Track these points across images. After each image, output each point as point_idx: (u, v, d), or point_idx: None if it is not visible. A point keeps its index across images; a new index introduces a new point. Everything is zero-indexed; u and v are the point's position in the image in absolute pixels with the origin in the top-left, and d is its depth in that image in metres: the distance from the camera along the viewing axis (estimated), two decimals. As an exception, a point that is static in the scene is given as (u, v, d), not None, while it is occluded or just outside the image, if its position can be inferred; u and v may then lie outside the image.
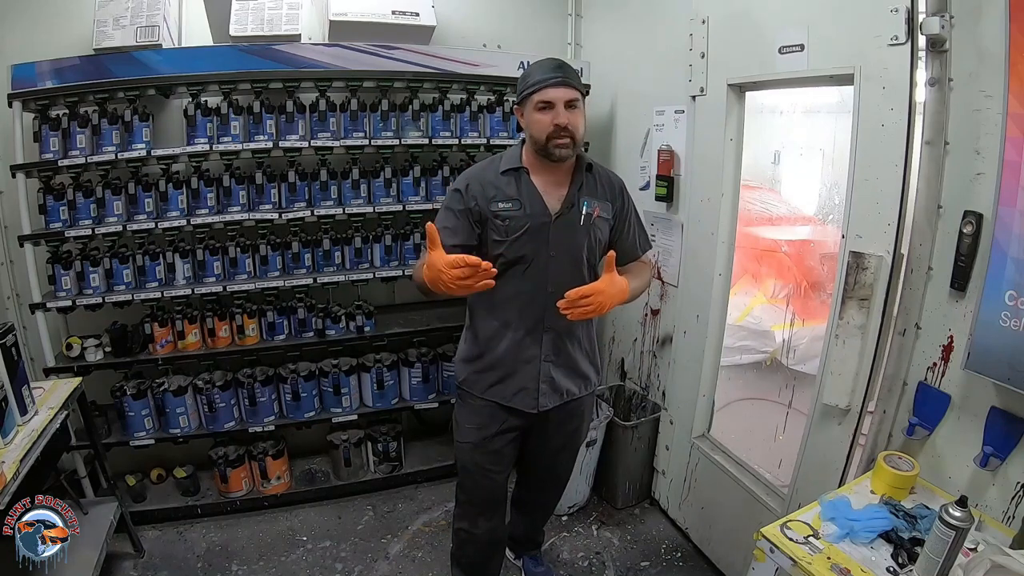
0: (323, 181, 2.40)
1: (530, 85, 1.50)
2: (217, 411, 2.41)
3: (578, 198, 1.58)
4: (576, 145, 1.52)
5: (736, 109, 1.99)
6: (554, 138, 1.48)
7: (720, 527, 2.19)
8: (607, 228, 1.64)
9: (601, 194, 1.62)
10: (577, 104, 1.50)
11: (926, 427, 1.44)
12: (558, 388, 1.68)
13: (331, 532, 2.43)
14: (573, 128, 1.49)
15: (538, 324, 1.61)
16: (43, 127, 2.14)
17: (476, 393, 1.69)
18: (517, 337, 1.62)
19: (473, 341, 1.70)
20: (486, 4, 2.81)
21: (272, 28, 2.28)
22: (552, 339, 1.63)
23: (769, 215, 2.62)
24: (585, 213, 1.57)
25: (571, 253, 1.58)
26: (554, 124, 1.47)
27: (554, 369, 1.65)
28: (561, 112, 1.47)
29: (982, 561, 1.07)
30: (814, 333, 2.39)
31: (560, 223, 1.56)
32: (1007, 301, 1.20)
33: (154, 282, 2.31)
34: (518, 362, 1.63)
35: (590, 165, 1.63)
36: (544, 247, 1.56)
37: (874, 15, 1.43)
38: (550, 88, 1.47)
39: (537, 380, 1.64)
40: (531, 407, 1.66)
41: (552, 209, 1.56)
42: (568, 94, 1.48)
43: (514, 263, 1.56)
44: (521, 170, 1.57)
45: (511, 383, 1.65)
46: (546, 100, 1.48)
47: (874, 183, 1.49)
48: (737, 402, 2.61)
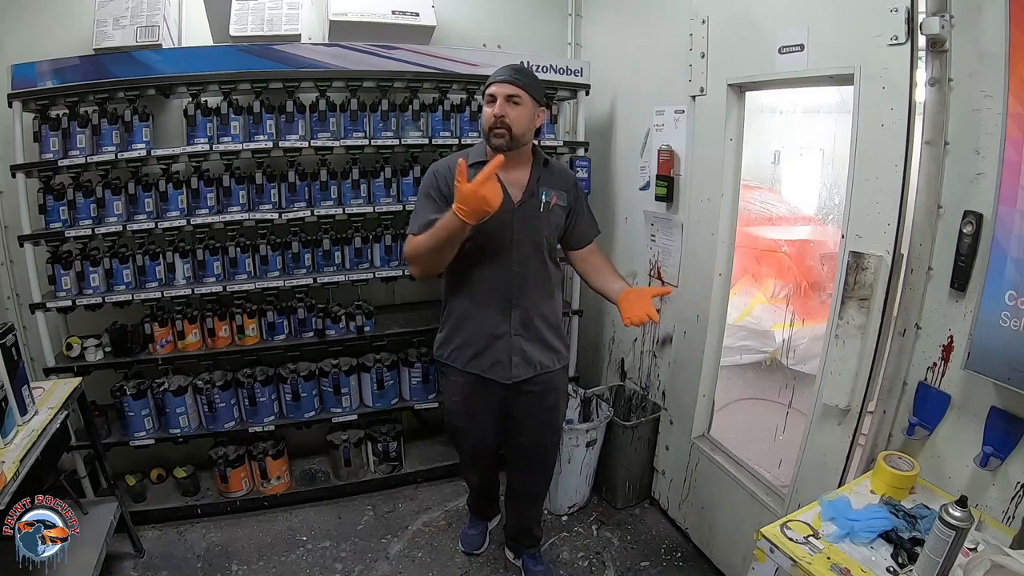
0: (323, 181, 2.40)
1: (485, 84, 1.73)
2: (217, 411, 2.41)
3: (537, 188, 1.78)
4: (512, 138, 1.68)
5: (736, 109, 1.99)
6: (493, 129, 1.67)
7: (720, 527, 2.19)
8: (563, 215, 1.84)
9: (558, 184, 1.82)
10: (519, 100, 1.67)
11: (926, 427, 1.44)
12: (531, 360, 1.85)
13: (331, 532, 2.43)
14: (510, 121, 1.66)
15: (507, 302, 1.79)
16: (43, 127, 2.14)
17: (457, 367, 1.88)
18: (488, 314, 1.81)
19: (449, 322, 1.89)
20: (486, 4, 2.81)
21: (272, 28, 2.28)
22: (520, 315, 1.81)
23: (769, 215, 2.62)
24: (544, 201, 1.78)
25: (532, 237, 1.78)
26: (492, 115, 1.66)
27: (524, 343, 1.83)
28: (499, 104, 1.66)
29: (982, 561, 1.06)
30: (814, 333, 2.39)
31: (522, 211, 1.76)
32: (1007, 301, 1.20)
33: (154, 282, 2.31)
34: (491, 337, 1.82)
35: (546, 160, 1.83)
36: (508, 232, 1.75)
37: (874, 15, 1.43)
38: (495, 84, 1.68)
39: (509, 353, 1.82)
40: (506, 378, 1.83)
41: (515, 198, 1.75)
42: (510, 89, 1.66)
43: (482, 247, 1.74)
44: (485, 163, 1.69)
45: (486, 356, 1.83)
46: (491, 93, 1.69)
47: (874, 183, 1.49)
48: (737, 402, 2.61)
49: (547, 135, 2.61)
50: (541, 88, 1.74)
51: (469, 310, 1.82)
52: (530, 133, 1.72)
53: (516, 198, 1.75)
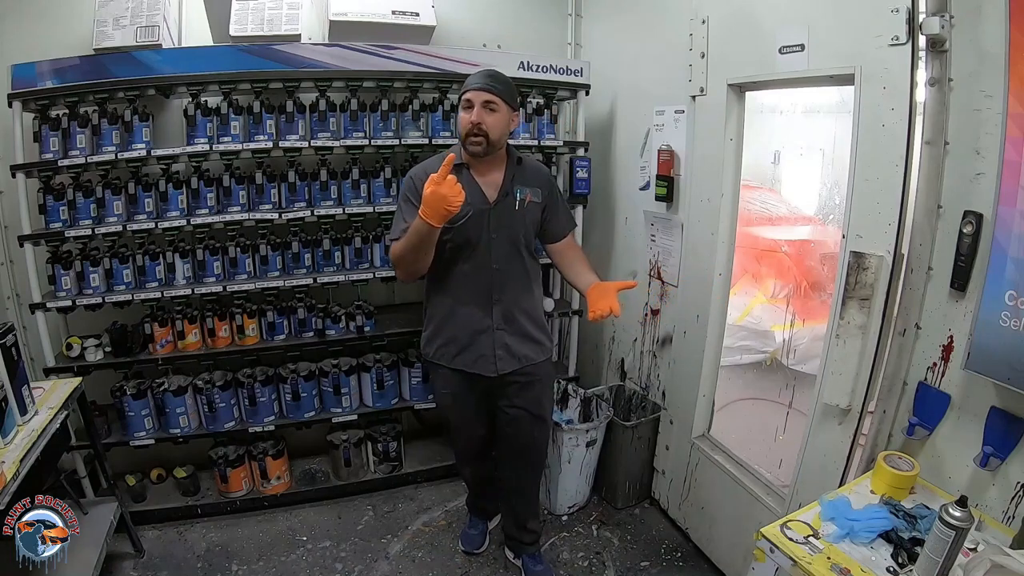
0: (323, 181, 2.40)
1: (462, 89, 1.75)
2: (217, 411, 2.41)
3: (512, 187, 1.82)
4: (489, 144, 1.73)
5: (736, 109, 1.99)
6: (469, 136, 1.72)
7: (720, 527, 2.19)
8: (538, 211, 1.88)
9: (532, 182, 1.86)
10: (495, 107, 1.71)
11: (926, 427, 1.44)
12: (515, 354, 1.89)
13: (331, 532, 2.43)
14: (486, 127, 1.70)
15: (487, 298, 1.84)
16: (43, 127, 2.14)
17: (445, 364, 1.92)
18: (470, 311, 1.85)
19: (432, 321, 1.93)
20: (486, 4, 2.81)
21: (272, 28, 2.28)
22: (501, 310, 1.86)
23: (769, 215, 2.62)
24: (519, 199, 1.82)
25: (509, 234, 1.83)
26: (470, 122, 1.70)
27: (508, 336, 1.87)
28: (475, 111, 1.70)
29: (982, 561, 1.06)
30: (814, 333, 2.39)
31: (498, 209, 1.81)
32: (1007, 301, 1.20)
33: (154, 282, 2.31)
34: (474, 333, 1.86)
35: (520, 159, 1.87)
36: (486, 231, 1.80)
37: (874, 15, 1.43)
38: (472, 91, 1.72)
39: (493, 348, 1.86)
40: (491, 371, 1.88)
41: (490, 198, 1.81)
42: (486, 96, 1.70)
43: (461, 246, 1.80)
44: (462, 166, 1.79)
45: (470, 352, 1.88)
46: (467, 99, 1.72)
47: (874, 183, 1.49)
48: (737, 402, 2.60)
49: (547, 135, 2.61)
50: (515, 93, 1.80)
51: (451, 307, 1.87)
52: (505, 137, 1.79)
53: (492, 198, 1.81)
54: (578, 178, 2.60)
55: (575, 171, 2.59)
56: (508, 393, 1.94)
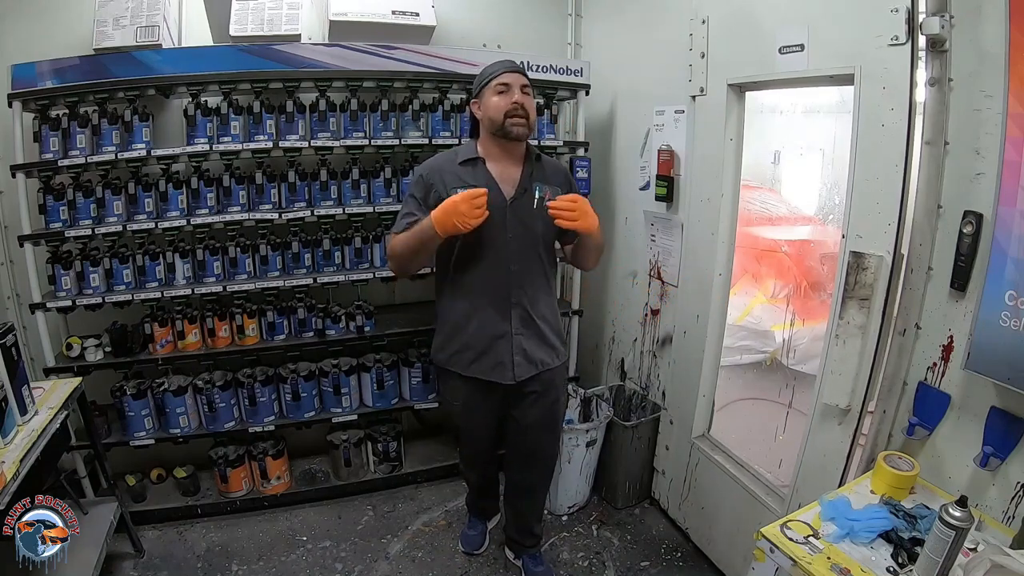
0: (323, 181, 2.40)
1: (488, 75, 1.72)
2: (217, 411, 2.41)
3: (530, 183, 1.76)
4: (530, 126, 1.72)
5: (736, 109, 1.99)
6: (511, 116, 1.67)
7: (720, 527, 2.19)
8: None
9: (550, 179, 1.81)
10: (529, 92, 1.71)
11: (926, 427, 1.44)
12: (532, 359, 1.83)
13: (331, 532, 2.43)
14: (528, 108, 1.69)
15: (505, 301, 1.78)
16: (43, 127, 2.14)
17: (459, 372, 1.85)
18: (487, 315, 1.78)
19: (445, 325, 1.87)
20: (486, 4, 2.81)
21: (272, 28, 2.28)
22: (520, 314, 1.80)
23: (769, 215, 2.62)
24: (538, 197, 1.74)
25: (527, 233, 1.76)
26: (512, 103, 1.67)
27: (525, 341, 1.81)
28: (517, 93, 1.68)
29: (982, 561, 1.06)
30: (814, 333, 2.39)
31: (515, 207, 1.74)
32: (1007, 301, 1.20)
33: (154, 282, 2.31)
34: (492, 339, 1.79)
35: (538, 155, 1.83)
36: (502, 230, 1.73)
37: (874, 15, 1.43)
38: (507, 73, 1.70)
39: (511, 353, 1.80)
40: (508, 379, 1.81)
41: (507, 195, 1.74)
42: (524, 80, 1.71)
43: (476, 245, 1.73)
44: (478, 160, 1.76)
45: (487, 359, 1.81)
46: (504, 83, 1.69)
47: (874, 183, 1.49)
48: (737, 402, 2.60)
49: (547, 135, 2.60)
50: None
51: (467, 312, 1.80)
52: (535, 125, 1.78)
53: (508, 194, 1.75)
54: (578, 178, 2.60)
55: (575, 171, 2.59)
56: (523, 403, 1.89)
